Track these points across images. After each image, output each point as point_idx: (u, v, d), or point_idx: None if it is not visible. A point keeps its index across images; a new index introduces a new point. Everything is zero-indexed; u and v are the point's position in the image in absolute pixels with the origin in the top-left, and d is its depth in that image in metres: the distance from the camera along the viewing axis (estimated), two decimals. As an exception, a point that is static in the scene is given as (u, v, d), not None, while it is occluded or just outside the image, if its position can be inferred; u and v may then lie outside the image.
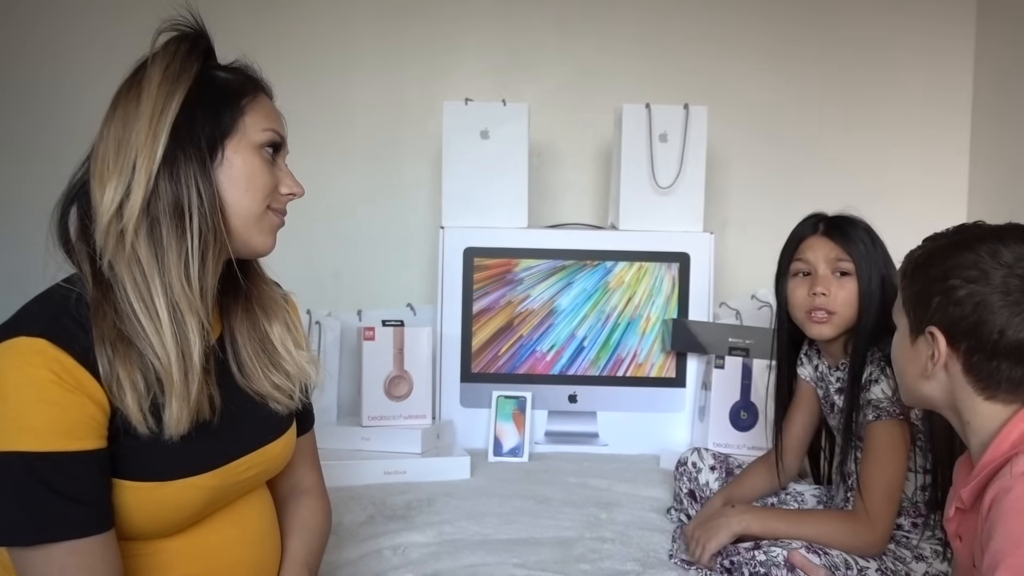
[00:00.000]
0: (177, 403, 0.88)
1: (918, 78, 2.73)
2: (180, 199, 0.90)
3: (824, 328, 1.52)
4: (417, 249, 2.70)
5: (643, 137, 2.33)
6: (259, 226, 0.97)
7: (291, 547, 1.08)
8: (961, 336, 0.97)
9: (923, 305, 1.00)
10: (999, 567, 0.84)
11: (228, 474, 0.96)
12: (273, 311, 1.06)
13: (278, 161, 1.00)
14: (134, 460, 0.88)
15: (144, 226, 0.89)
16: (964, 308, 0.96)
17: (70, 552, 0.83)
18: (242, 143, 0.95)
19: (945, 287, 0.97)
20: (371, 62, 2.69)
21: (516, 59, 2.71)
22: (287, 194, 1.01)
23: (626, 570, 1.49)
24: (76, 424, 0.83)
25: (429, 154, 2.66)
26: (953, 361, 0.98)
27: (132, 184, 0.88)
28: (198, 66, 0.94)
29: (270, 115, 0.99)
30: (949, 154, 2.74)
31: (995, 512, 0.88)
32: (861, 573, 1.38)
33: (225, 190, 0.94)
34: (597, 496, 1.90)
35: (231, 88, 0.96)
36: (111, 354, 0.85)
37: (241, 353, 1.01)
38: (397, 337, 2.17)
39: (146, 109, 0.89)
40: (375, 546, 1.56)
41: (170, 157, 0.89)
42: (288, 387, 1.04)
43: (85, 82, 2.52)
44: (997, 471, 0.92)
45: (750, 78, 2.71)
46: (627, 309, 2.34)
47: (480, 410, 2.30)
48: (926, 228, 1.09)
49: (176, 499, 0.90)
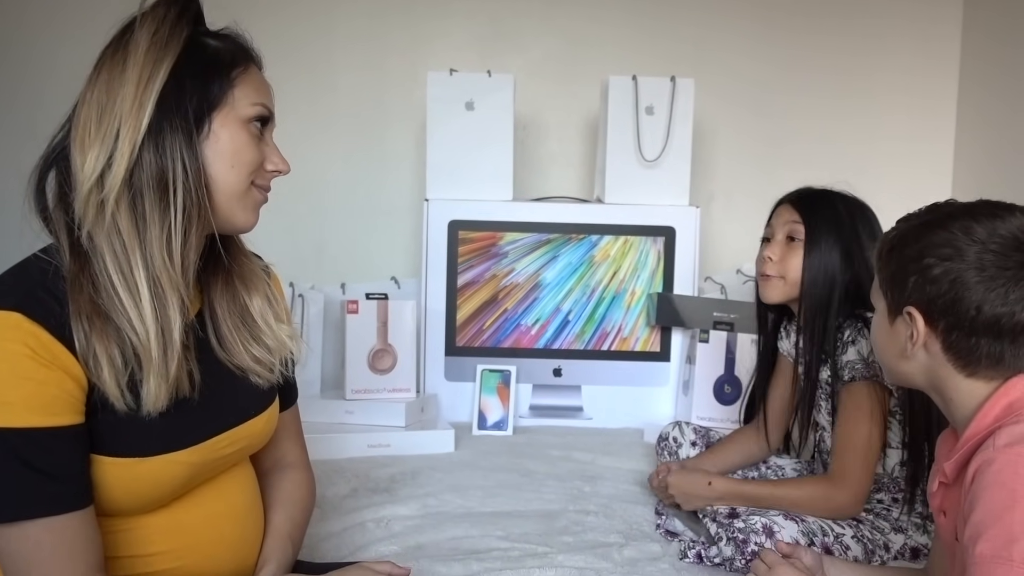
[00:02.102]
0: (155, 380, 0.86)
1: (906, 46, 2.72)
2: (165, 171, 0.87)
3: (767, 291, 1.55)
4: (401, 222, 2.68)
5: (629, 109, 2.31)
6: (242, 203, 0.95)
7: (274, 520, 1.07)
8: (939, 314, 0.97)
9: (900, 286, 1.00)
10: (980, 538, 0.85)
11: (209, 450, 0.95)
12: (253, 284, 1.04)
13: (265, 136, 0.97)
14: (113, 436, 0.86)
15: (126, 198, 0.86)
16: (940, 286, 0.96)
17: (46, 529, 0.81)
18: (230, 116, 0.91)
19: (920, 266, 0.97)
20: (354, 24, 2.64)
21: (501, 28, 2.68)
22: (272, 171, 0.98)
23: (609, 542, 1.50)
24: (53, 399, 0.82)
25: (413, 125, 2.63)
26: (932, 340, 0.98)
27: (115, 153, 0.85)
28: (187, 32, 0.90)
29: (260, 88, 0.95)
30: (936, 122, 2.75)
31: (977, 484, 0.89)
32: (837, 539, 1.39)
33: (210, 164, 0.91)
34: (581, 469, 1.91)
35: (221, 58, 0.92)
36: (88, 328, 0.83)
37: (221, 327, 0.99)
38: (381, 310, 2.16)
39: (132, 75, 0.86)
40: (358, 519, 1.56)
41: (156, 127, 0.86)
42: (269, 360, 1.02)
43: (62, 38, 2.47)
44: (980, 444, 0.93)
45: (738, 49, 2.70)
46: (612, 283, 2.34)
47: (464, 384, 2.30)
48: (913, 196, 1.09)
49: (156, 475, 0.89)
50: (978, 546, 0.85)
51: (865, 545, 1.41)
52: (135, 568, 0.92)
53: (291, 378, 1.15)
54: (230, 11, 0.99)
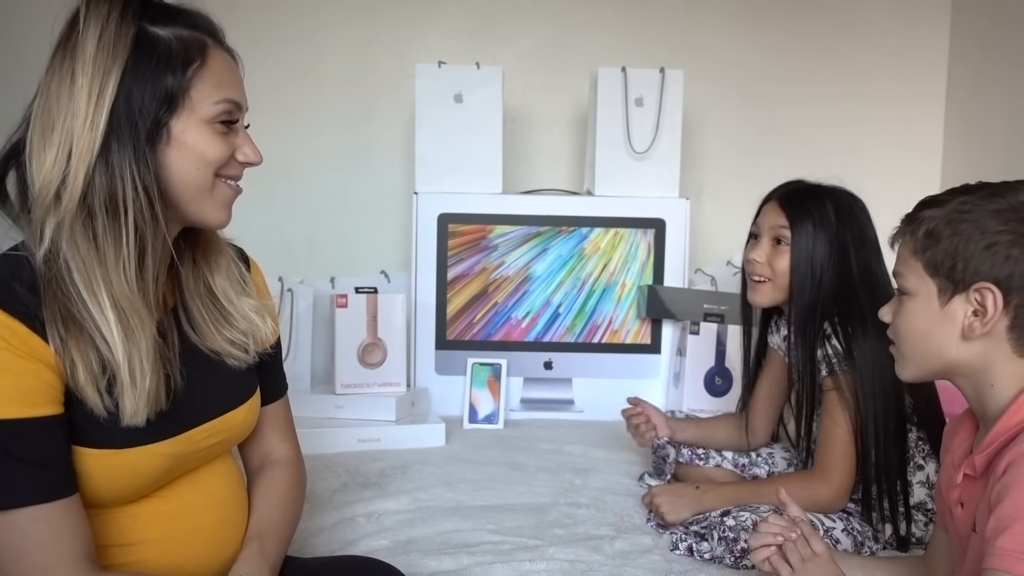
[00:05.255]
0: (131, 399, 0.85)
1: (895, 34, 2.72)
2: (115, 194, 0.83)
3: (757, 294, 1.54)
4: (390, 215, 2.67)
5: (619, 101, 2.31)
6: (212, 201, 0.91)
7: (250, 520, 1.06)
8: (1016, 290, 0.91)
9: (963, 262, 0.94)
10: (1005, 532, 0.83)
11: (188, 441, 0.94)
12: (216, 263, 1.01)
13: (235, 126, 0.92)
14: (90, 428, 0.86)
15: (80, 219, 0.83)
16: (1019, 261, 0.90)
17: (31, 518, 0.81)
18: (191, 119, 0.87)
19: (990, 241, 0.92)
20: (342, 17, 2.62)
21: (490, 20, 2.66)
22: (243, 162, 0.93)
23: (600, 535, 1.49)
24: (31, 390, 0.81)
25: (401, 118, 2.62)
26: (999, 318, 0.93)
27: (68, 175, 0.82)
28: (135, 29, 0.84)
29: (222, 81, 0.89)
30: (926, 108, 2.74)
31: (1009, 477, 0.86)
32: (827, 533, 1.40)
33: (173, 169, 0.87)
34: (572, 462, 1.91)
35: (174, 54, 0.86)
36: (63, 333, 0.82)
37: (192, 312, 0.97)
38: (371, 304, 2.15)
39: (82, 89, 0.82)
40: (349, 513, 1.56)
41: (106, 145, 0.83)
42: (242, 341, 1.00)
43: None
44: (1013, 438, 0.90)
45: (727, 40, 2.69)
46: (602, 276, 2.33)
47: (455, 377, 2.29)
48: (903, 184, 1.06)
49: (134, 466, 0.89)
50: (1001, 538, 0.83)
51: (855, 538, 1.41)
52: (116, 557, 0.91)
53: (278, 370, 1.14)
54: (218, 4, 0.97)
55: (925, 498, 1.45)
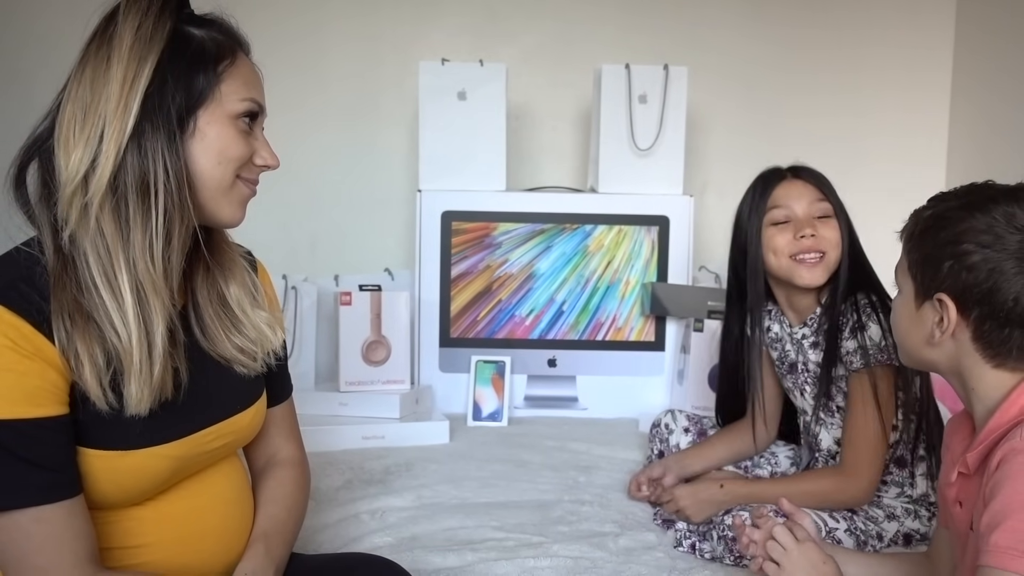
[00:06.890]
0: (137, 384, 0.85)
1: (900, 31, 2.71)
2: (147, 175, 0.85)
3: (816, 271, 1.46)
4: (394, 213, 2.67)
5: (623, 98, 2.30)
6: (228, 198, 0.93)
7: (255, 521, 1.06)
8: (973, 303, 0.92)
9: (932, 270, 0.95)
10: (999, 527, 0.83)
11: (194, 444, 0.94)
12: (232, 271, 1.02)
13: (255, 129, 0.95)
14: (96, 429, 0.86)
15: (110, 201, 0.84)
16: (977, 275, 0.91)
17: (35, 519, 0.81)
18: (217, 113, 0.90)
19: (957, 252, 0.92)
20: (346, 14, 2.62)
21: (493, 17, 2.66)
22: (261, 165, 0.96)
23: (604, 532, 1.49)
24: (36, 390, 0.81)
25: (405, 116, 2.62)
26: (962, 328, 0.94)
27: (99, 156, 0.84)
28: (171, 24, 0.88)
29: (248, 81, 0.93)
30: (931, 102, 2.74)
31: (1001, 473, 0.86)
32: (830, 533, 1.39)
33: (195, 161, 0.89)
34: (576, 459, 1.91)
35: (207, 51, 0.90)
36: (69, 327, 0.83)
37: (204, 317, 0.98)
38: (375, 302, 2.15)
39: (116, 74, 0.84)
40: (353, 510, 1.56)
41: (139, 129, 0.85)
42: (251, 349, 1.01)
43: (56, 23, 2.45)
44: (1004, 435, 0.90)
45: (731, 36, 2.68)
46: (606, 273, 2.33)
47: (459, 375, 2.29)
48: (907, 182, 1.06)
49: (140, 468, 0.89)
50: (994, 535, 0.83)
51: (857, 537, 1.41)
52: (121, 559, 0.91)
53: (284, 373, 1.14)
54: (221, 0, 0.98)
55: (928, 490, 1.45)
